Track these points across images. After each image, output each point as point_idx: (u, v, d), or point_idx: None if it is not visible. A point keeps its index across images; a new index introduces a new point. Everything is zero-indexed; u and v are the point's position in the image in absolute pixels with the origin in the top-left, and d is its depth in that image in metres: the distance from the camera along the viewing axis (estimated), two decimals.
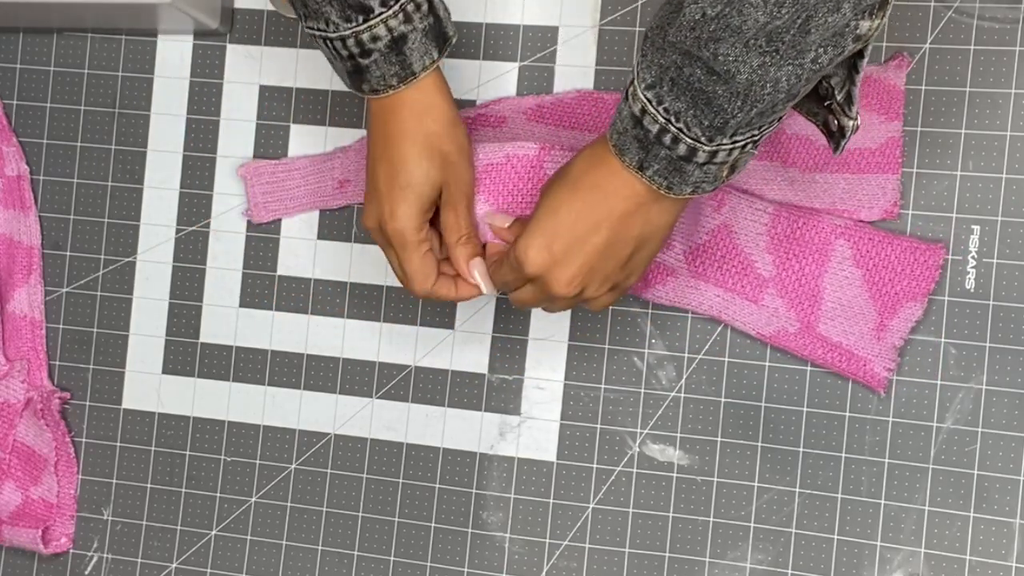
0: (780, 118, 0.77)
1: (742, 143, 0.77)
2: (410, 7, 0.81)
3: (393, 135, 0.85)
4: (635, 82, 0.77)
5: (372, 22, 0.81)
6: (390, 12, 0.81)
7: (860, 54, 0.76)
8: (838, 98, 0.79)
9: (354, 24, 0.81)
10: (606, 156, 0.80)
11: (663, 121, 0.76)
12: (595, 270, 0.83)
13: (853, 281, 0.94)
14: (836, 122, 0.80)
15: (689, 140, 0.76)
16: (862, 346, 0.94)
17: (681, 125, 0.76)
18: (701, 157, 0.77)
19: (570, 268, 0.82)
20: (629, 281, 0.86)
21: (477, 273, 0.89)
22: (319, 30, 0.82)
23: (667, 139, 0.77)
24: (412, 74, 0.83)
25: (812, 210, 0.94)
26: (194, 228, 1.07)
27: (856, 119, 0.79)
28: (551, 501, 1.00)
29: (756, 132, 0.77)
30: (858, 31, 0.72)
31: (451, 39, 0.85)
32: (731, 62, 0.71)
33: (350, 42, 0.81)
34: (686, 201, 0.82)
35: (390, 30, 0.81)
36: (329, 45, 0.83)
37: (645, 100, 0.77)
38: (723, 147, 0.77)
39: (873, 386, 0.94)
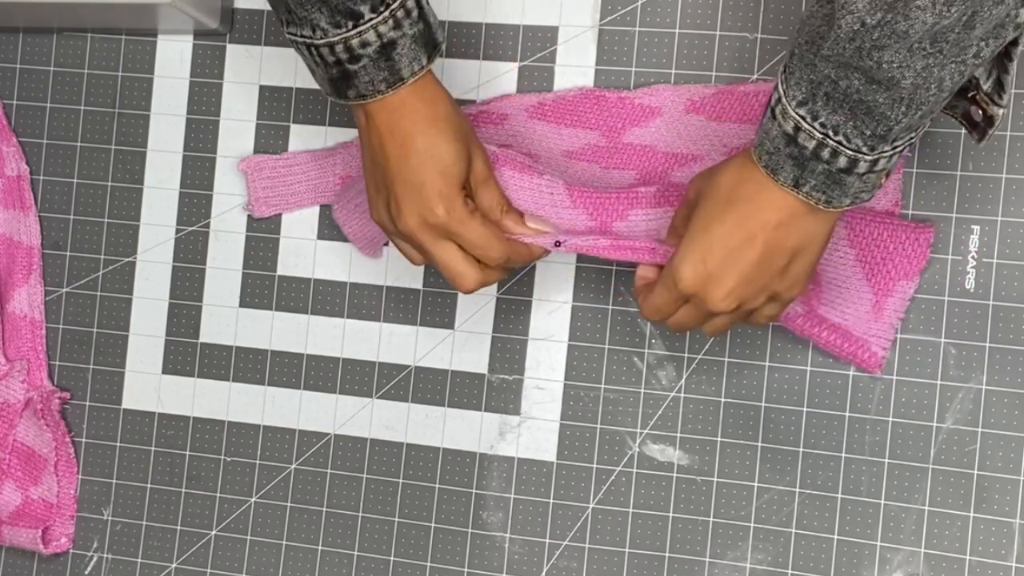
0: (936, 113, 0.76)
1: (901, 147, 0.76)
2: (400, 13, 0.80)
3: (410, 130, 0.84)
4: (783, 100, 0.76)
5: (362, 27, 0.80)
6: (380, 18, 0.80)
7: (1015, 42, 0.75)
8: (984, 88, 0.78)
9: (343, 30, 0.80)
10: (755, 173, 0.79)
11: (820, 136, 0.75)
12: (751, 282, 0.81)
13: (847, 261, 0.93)
14: (981, 112, 0.79)
15: (850, 152, 0.75)
16: (860, 326, 0.93)
17: (840, 138, 0.75)
18: (862, 167, 0.76)
19: (726, 283, 0.81)
20: (792, 292, 0.84)
21: (534, 224, 0.89)
22: (303, 36, 0.81)
23: (825, 153, 0.75)
24: (400, 79, 0.82)
25: None
26: (194, 228, 1.07)
27: (1005, 106, 0.78)
28: (551, 501, 1.00)
29: (914, 134, 0.76)
30: (1018, 19, 0.71)
31: (440, 45, 0.84)
32: (895, 68, 0.70)
33: (339, 48, 0.80)
34: (842, 211, 0.81)
35: (380, 36, 0.80)
36: (314, 52, 0.82)
37: (798, 118, 0.75)
38: (884, 154, 0.76)
39: (870, 367, 0.94)
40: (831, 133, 0.75)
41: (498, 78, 1.01)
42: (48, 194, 1.09)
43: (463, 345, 1.02)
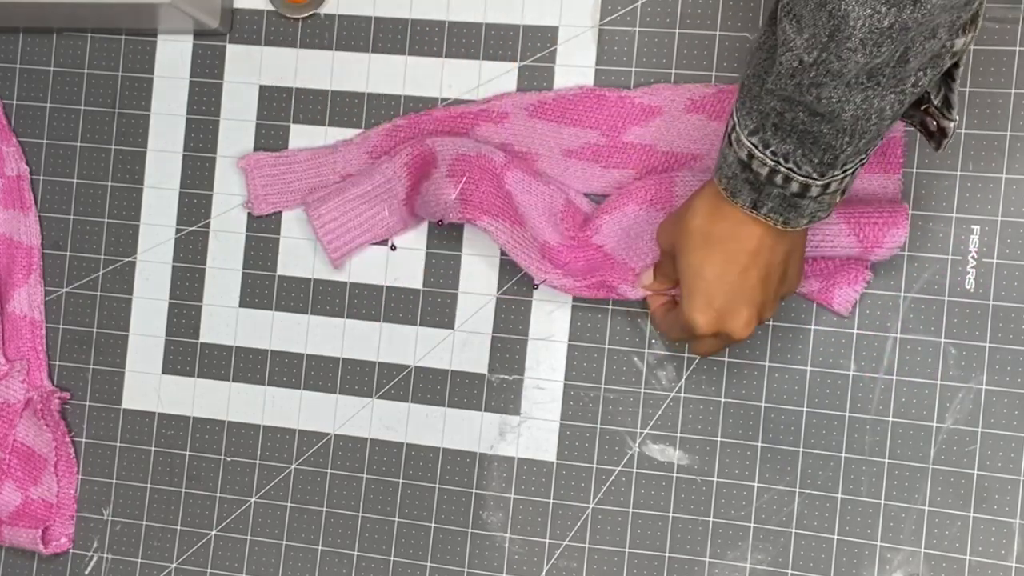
0: (883, 136, 0.77)
1: (852, 170, 0.78)
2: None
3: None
4: (736, 128, 0.78)
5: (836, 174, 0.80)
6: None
7: (955, 64, 0.76)
8: (935, 102, 0.79)
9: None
10: (723, 207, 0.81)
11: (772, 163, 0.77)
12: (762, 301, 0.84)
13: (841, 231, 0.93)
14: (935, 123, 0.81)
15: (801, 178, 0.77)
16: (843, 265, 0.94)
17: (791, 165, 0.76)
18: (815, 191, 0.78)
19: (741, 314, 0.84)
20: (793, 286, 0.87)
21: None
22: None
23: (778, 179, 0.77)
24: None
25: None
26: (194, 228, 1.07)
27: (955, 119, 0.80)
28: (551, 501, 1.00)
29: (864, 156, 0.77)
30: (953, 49, 0.72)
31: None
32: (835, 103, 0.72)
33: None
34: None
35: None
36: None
37: (750, 145, 0.77)
38: (835, 178, 0.77)
39: (845, 303, 0.95)
40: (782, 160, 0.77)
41: (498, 78, 1.01)
42: (48, 194, 1.09)
43: (463, 345, 1.02)
